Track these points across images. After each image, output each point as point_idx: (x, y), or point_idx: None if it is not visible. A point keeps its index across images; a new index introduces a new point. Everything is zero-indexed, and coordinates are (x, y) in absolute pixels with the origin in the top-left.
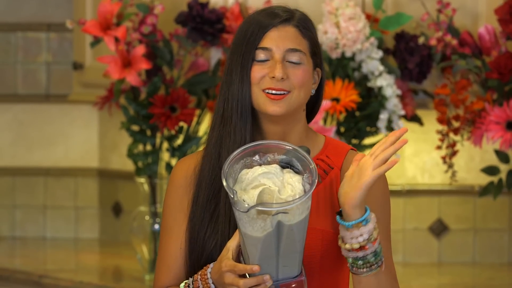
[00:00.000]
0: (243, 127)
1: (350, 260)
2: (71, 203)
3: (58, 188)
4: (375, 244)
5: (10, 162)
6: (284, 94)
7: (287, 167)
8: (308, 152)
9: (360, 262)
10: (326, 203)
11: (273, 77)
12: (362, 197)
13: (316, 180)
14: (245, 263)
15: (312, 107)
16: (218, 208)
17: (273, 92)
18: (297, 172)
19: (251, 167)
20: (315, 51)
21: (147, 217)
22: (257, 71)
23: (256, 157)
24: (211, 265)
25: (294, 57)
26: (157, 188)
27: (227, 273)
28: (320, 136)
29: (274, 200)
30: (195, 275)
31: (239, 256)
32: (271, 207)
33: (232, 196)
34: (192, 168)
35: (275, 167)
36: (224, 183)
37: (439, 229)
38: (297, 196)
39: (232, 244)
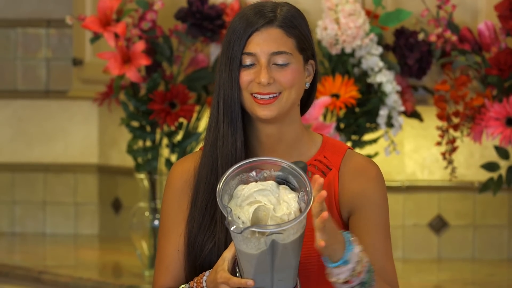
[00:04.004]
0: (233, 133)
1: (337, 286)
2: (70, 199)
3: (57, 184)
4: (360, 276)
5: (10, 158)
6: (274, 96)
7: (284, 183)
8: (304, 168)
9: None
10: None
11: (259, 83)
12: (327, 253)
13: (312, 199)
14: (240, 274)
15: (306, 100)
16: (216, 212)
17: (261, 96)
18: (293, 188)
19: (247, 183)
20: (304, 46)
21: (146, 213)
22: (244, 76)
23: (253, 173)
24: (207, 273)
25: (279, 60)
26: (157, 184)
27: (221, 285)
28: (317, 136)
29: (269, 218)
30: (191, 281)
31: (235, 267)
32: (265, 229)
33: (226, 216)
34: (189, 170)
35: (271, 184)
36: (219, 201)
37: (438, 225)
38: (293, 215)
39: (228, 254)
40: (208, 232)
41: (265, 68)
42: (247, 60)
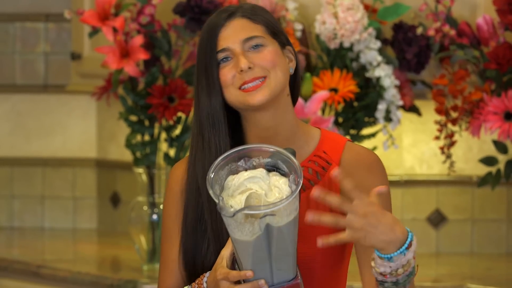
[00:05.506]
0: (217, 140)
1: (373, 271)
2: (69, 194)
3: (56, 179)
4: (399, 277)
5: (8, 153)
6: (261, 81)
7: (273, 170)
8: (293, 153)
9: (379, 282)
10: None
11: (241, 70)
12: (378, 244)
13: (302, 180)
14: (239, 269)
15: (291, 90)
16: (206, 229)
17: (249, 85)
18: (283, 174)
19: (237, 173)
20: (274, 31)
21: (145, 207)
22: (225, 74)
23: (241, 162)
24: (207, 274)
25: (253, 43)
26: (155, 178)
27: (222, 281)
28: (315, 130)
29: (262, 204)
30: (193, 283)
31: (234, 264)
32: (257, 210)
33: (217, 202)
34: (185, 174)
35: (260, 171)
36: (210, 191)
37: (437, 219)
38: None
39: (225, 252)
40: (203, 249)
41: (241, 54)
42: (222, 57)
